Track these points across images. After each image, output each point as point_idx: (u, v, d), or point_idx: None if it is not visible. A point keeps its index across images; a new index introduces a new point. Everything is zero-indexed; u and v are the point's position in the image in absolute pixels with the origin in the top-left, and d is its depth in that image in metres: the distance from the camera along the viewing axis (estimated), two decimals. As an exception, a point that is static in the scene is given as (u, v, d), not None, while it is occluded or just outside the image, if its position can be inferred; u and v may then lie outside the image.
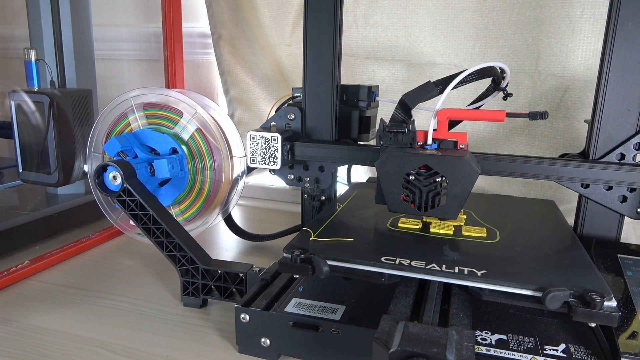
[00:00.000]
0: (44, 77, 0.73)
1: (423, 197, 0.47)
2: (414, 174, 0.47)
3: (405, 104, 0.50)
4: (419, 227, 0.51)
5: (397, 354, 0.31)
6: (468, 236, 0.49)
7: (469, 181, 0.46)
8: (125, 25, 1.05)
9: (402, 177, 0.47)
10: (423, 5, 0.78)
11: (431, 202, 0.47)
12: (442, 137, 0.50)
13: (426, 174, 0.47)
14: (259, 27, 0.91)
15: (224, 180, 0.63)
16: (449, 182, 0.46)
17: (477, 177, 0.46)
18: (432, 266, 0.41)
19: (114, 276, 0.65)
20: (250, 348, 0.47)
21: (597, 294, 0.36)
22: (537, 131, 0.77)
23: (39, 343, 0.49)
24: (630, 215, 0.52)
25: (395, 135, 0.49)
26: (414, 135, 0.49)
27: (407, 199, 0.48)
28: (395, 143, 0.50)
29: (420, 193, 0.47)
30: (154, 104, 0.63)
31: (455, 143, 0.49)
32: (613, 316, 0.35)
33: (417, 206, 0.48)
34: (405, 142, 0.49)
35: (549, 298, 0.36)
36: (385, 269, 0.41)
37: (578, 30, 0.70)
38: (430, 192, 0.47)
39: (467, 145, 0.49)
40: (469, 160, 0.45)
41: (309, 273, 0.42)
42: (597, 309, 0.35)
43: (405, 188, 0.48)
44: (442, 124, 0.49)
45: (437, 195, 0.47)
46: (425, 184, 0.47)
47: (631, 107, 0.51)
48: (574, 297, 0.37)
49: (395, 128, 0.49)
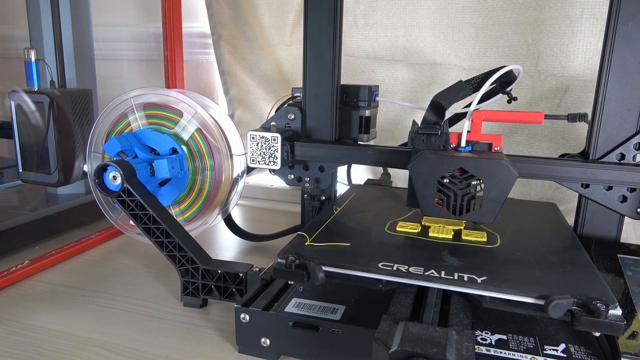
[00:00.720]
0: (44, 77, 0.73)
1: (458, 201, 0.46)
2: (448, 177, 0.46)
3: (438, 105, 0.49)
4: (418, 232, 0.50)
5: (397, 354, 0.31)
6: (468, 241, 0.48)
7: (506, 184, 0.45)
8: (125, 25, 1.05)
9: (437, 180, 0.46)
10: (423, 5, 0.78)
11: (466, 205, 0.46)
12: (475, 139, 0.49)
13: (461, 177, 0.46)
14: (259, 27, 0.91)
15: (224, 180, 0.63)
16: (485, 186, 0.45)
17: (514, 181, 0.45)
18: (431, 272, 0.40)
19: (114, 276, 0.65)
20: (250, 348, 0.47)
21: (602, 302, 0.35)
22: (537, 131, 0.77)
23: (39, 343, 0.49)
24: (630, 215, 0.52)
25: (428, 137, 0.48)
26: (447, 137, 0.48)
27: (441, 203, 0.47)
28: (428, 145, 0.49)
29: (455, 196, 0.46)
30: (154, 104, 0.63)
31: (489, 145, 0.49)
32: (618, 325, 0.34)
33: (452, 210, 0.47)
34: (438, 144, 0.48)
35: (551, 306, 0.35)
36: (382, 275, 0.41)
37: (578, 30, 0.70)
38: (465, 196, 0.46)
39: (501, 148, 0.48)
40: (506, 163, 0.44)
41: (304, 279, 0.41)
42: (601, 317, 0.34)
43: (439, 191, 0.47)
44: (476, 125, 0.48)
45: (472, 198, 0.46)
46: (460, 187, 0.46)
47: (631, 107, 0.51)
48: (577, 305, 0.35)
49: (428, 130, 0.48)
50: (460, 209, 0.46)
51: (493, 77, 0.50)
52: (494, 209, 0.46)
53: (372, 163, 0.58)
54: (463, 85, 0.50)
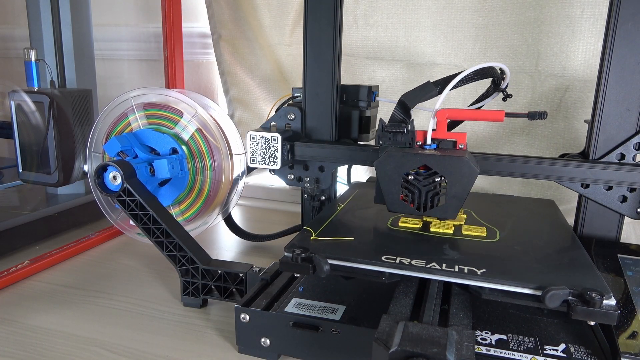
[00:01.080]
0: (44, 77, 0.73)
1: (422, 197, 0.47)
2: (413, 174, 0.47)
3: (404, 104, 0.50)
4: (419, 227, 0.51)
5: (397, 354, 0.31)
6: (468, 235, 0.49)
7: (468, 181, 0.46)
8: (125, 25, 1.05)
9: (402, 177, 0.47)
10: (423, 5, 0.78)
11: (430, 201, 0.47)
12: (441, 137, 0.50)
13: (425, 173, 0.47)
14: (259, 27, 0.91)
15: (224, 180, 0.63)
16: (448, 182, 0.46)
17: (476, 177, 0.46)
18: (433, 265, 0.41)
19: (114, 276, 0.65)
20: (250, 348, 0.47)
21: (597, 293, 0.36)
22: (537, 131, 0.77)
23: (39, 343, 0.49)
24: (630, 215, 0.52)
25: (395, 135, 0.50)
26: (413, 135, 0.49)
27: (406, 199, 0.48)
28: (394, 143, 0.50)
29: (419, 193, 0.47)
30: (154, 104, 0.63)
31: (454, 143, 0.49)
32: (612, 314, 0.35)
33: (417, 206, 0.48)
34: (404, 142, 0.49)
35: (548, 296, 0.36)
36: (385, 268, 0.42)
37: (578, 30, 0.70)
38: (429, 192, 0.47)
39: (466, 145, 0.49)
40: (467, 160, 0.45)
41: (310, 272, 0.42)
42: (596, 307, 0.35)
43: (404, 188, 0.48)
44: (441, 123, 0.49)
45: (436, 195, 0.47)
46: (424, 183, 0.47)
47: (631, 107, 0.51)
48: (573, 295, 0.37)
49: (395, 128, 0.49)
50: (425, 205, 0.47)
51: (457, 78, 0.51)
52: (456, 205, 0.47)
53: (371, 163, 0.58)
54: (430, 86, 0.51)
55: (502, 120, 0.49)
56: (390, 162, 0.48)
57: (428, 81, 0.52)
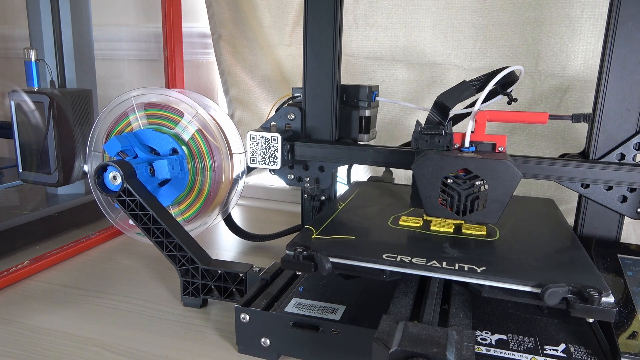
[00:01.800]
0: (44, 77, 0.73)
1: (462, 201, 0.46)
2: (452, 177, 0.46)
3: (442, 105, 0.49)
4: (420, 225, 0.51)
5: (397, 354, 0.31)
6: (468, 234, 0.49)
7: (510, 185, 0.45)
8: (125, 25, 1.05)
9: (440, 180, 0.46)
10: (423, 5, 0.78)
11: (470, 206, 0.46)
12: (479, 139, 0.49)
13: (465, 177, 0.46)
14: (259, 27, 0.91)
15: (224, 180, 0.63)
16: (489, 186, 0.45)
17: (519, 181, 0.45)
18: (433, 263, 0.41)
19: (114, 276, 0.65)
20: (250, 348, 0.47)
21: (595, 290, 0.36)
22: (537, 131, 0.77)
23: (39, 343, 0.49)
24: (630, 215, 0.52)
25: (432, 137, 0.49)
26: (451, 137, 0.48)
27: (444, 203, 0.47)
28: (431, 145, 0.49)
29: (458, 197, 0.46)
30: (154, 104, 0.63)
31: (493, 146, 0.49)
32: (610, 312, 0.35)
33: (456, 210, 0.47)
34: (442, 145, 0.49)
35: (547, 294, 0.36)
36: (386, 266, 0.42)
37: (578, 30, 0.70)
38: (469, 196, 0.46)
39: (505, 148, 0.48)
40: (510, 164, 0.44)
41: (312, 270, 0.42)
42: (594, 304, 0.35)
43: (442, 192, 0.46)
44: (480, 125, 0.48)
45: (476, 199, 0.46)
46: (464, 187, 0.46)
47: (631, 107, 0.51)
48: (572, 293, 0.37)
49: (432, 130, 0.48)
50: (464, 210, 0.46)
51: (497, 77, 0.50)
52: (497, 210, 0.46)
53: (372, 163, 0.58)
54: (467, 85, 0.50)
55: (545, 122, 0.48)
56: (428, 165, 0.46)
57: (464, 80, 0.51)
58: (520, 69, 0.53)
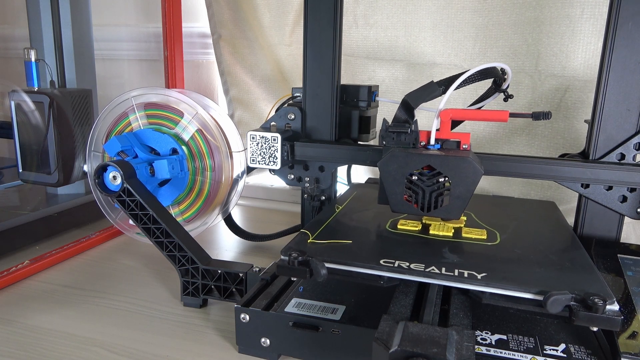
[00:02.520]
0: (44, 77, 0.73)
1: (426, 197, 0.47)
2: (416, 174, 0.47)
3: (407, 104, 0.50)
4: (419, 229, 0.51)
5: (397, 354, 0.31)
6: (468, 238, 0.49)
7: (472, 181, 0.46)
8: (125, 25, 1.05)
9: (405, 177, 0.47)
10: (423, 5, 0.78)
11: (434, 202, 0.47)
12: (445, 137, 0.49)
13: (429, 174, 0.47)
14: (259, 27, 0.91)
15: (224, 180, 0.63)
16: (452, 183, 0.46)
17: (480, 178, 0.46)
18: (432, 269, 0.41)
19: (114, 276, 0.65)
20: (250, 348, 0.47)
21: (599, 298, 0.35)
22: (537, 131, 0.77)
23: (39, 343, 0.49)
24: (630, 215, 0.52)
25: (398, 135, 0.49)
26: (416, 135, 0.49)
27: (409, 199, 0.48)
28: (398, 143, 0.50)
29: (423, 193, 0.47)
30: (154, 103, 0.63)
31: (458, 143, 0.49)
32: (615, 320, 0.35)
33: (420, 206, 0.47)
34: (407, 142, 0.49)
35: (550, 302, 0.36)
36: (383, 272, 0.41)
37: (578, 30, 0.70)
38: (433, 192, 0.47)
39: (469, 146, 0.49)
40: (472, 161, 0.45)
41: (307, 276, 0.41)
42: (599, 312, 0.35)
43: (408, 188, 0.47)
44: (444, 124, 0.49)
45: (440, 195, 0.47)
46: (428, 184, 0.47)
47: (631, 107, 0.51)
48: (575, 300, 0.36)
49: (398, 128, 0.49)
50: (429, 206, 0.47)
51: (461, 78, 0.51)
52: (460, 206, 0.46)
53: (372, 163, 0.58)
54: (434, 85, 0.51)
55: (506, 120, 0.49)
56: (394, 162, 0.47)
57: (431, 81, 0.52)
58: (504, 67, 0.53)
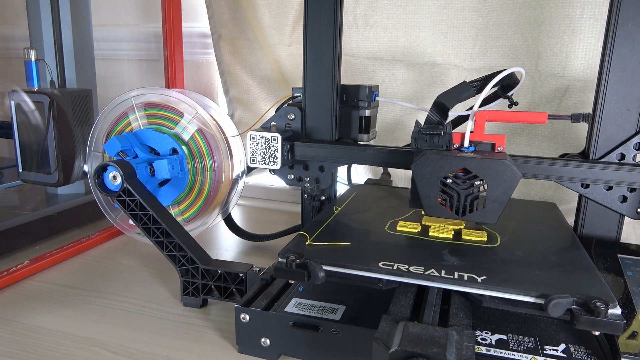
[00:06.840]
0: (44, 77, 0.73)
1: (461, 201, 0.46)
2: (451, 177, 0.46)
3: (441, 105, 0.49)
4: (418, 231, 0.50)
5: (397, 354, 0.31)
6: (468, 240, 0.48)
7: (510, 185, 0.44)
8: (125, 25, 1.05)
9: (440, 180, 0.46)
10: (423, 5, 0.78)
11: (469, 206, 0.46)
12: (479, 139, 0.49)
13: (464, 177, 0.45)
14: (259, 27, 0.91)
15: (224, 180, 0.63)
16: (488, 186, 0.45)
17: (518, 181, 0.44)
18: (431, 272, 0.40)
19: (113, 276, 0.65)
20: (250, 348, 0.47)
21: (601, 301, 0.35)
22: (537, 131, 0.77)
23: (39, 343, 0.49)
24: (630, 215, 0.52)
25: (431, 137, 0.48)
26: (450, 137, 0.48)
27: (443, 203, 0.47)
28: (431, 145, 0.49)
29: (458, 197, 0.46)
30: (154, 103, 0.63)
31: (493, 145, 0.48)
32: (617, 324, 0.34)
33: (455, 210, 0.46)
34: (441, 145, 0.48)
35: (551, 305, 0.35)
36: (382, 275, 0.41)
37: (578, 30, 0.70)
38: (468, 196, 0.46)
39: (504, 148, 0.48)
40: (510, 164, 0.44)
41: (305, 279, 0.41)
42: (601, 316, 0.34)
43: (442, 192, 0.46)
44: (479, 125, 0.48)
45: (475, 199, 0.46)
46: (463, 187, 0.46)
47: (631, 107, 0.51)
48: (577, 304, 0.36)
49: (431, 130, 0.48)
50: (464, 210, 0.46)
51: (496, 78, 0.50)
52: (497, 210, 0.45)
53: (372, 163, 0.58)
54: (467, 85, 0.50)
55: (544, 122, 0.48)
56: (428, 165, 0.46)
57: (464, 81, 0.51)
58: (521, 72, 0.53)
